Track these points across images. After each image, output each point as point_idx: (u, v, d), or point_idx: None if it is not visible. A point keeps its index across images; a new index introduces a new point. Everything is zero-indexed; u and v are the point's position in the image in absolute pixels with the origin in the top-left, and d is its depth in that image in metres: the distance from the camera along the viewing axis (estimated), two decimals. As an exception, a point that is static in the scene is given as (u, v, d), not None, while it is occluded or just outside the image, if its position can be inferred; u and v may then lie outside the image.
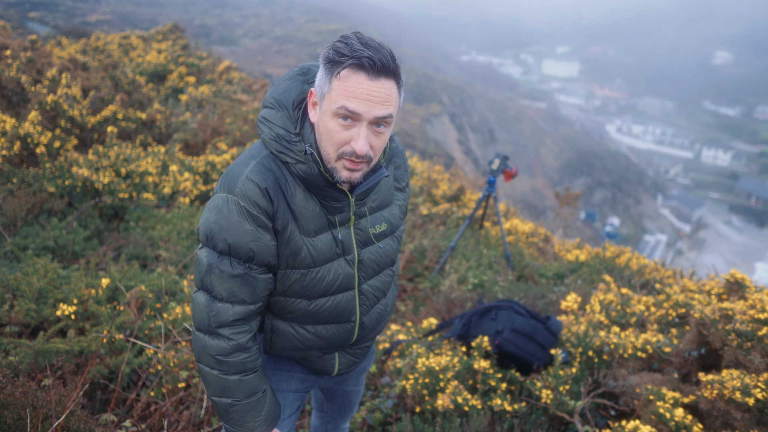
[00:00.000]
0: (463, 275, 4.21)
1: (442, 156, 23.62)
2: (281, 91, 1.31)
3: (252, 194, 1.26)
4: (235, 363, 1.35)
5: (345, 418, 2.03)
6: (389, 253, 1.53)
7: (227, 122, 7.56)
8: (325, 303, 1.44)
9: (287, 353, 1.56)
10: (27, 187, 4.85)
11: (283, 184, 1.30)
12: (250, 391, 1.40)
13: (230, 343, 1.33)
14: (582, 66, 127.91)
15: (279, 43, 41.11)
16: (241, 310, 1.33)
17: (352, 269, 1.44)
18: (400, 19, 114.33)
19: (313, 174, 1.28)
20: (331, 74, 1.20)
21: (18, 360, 2.35)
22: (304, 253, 1.34)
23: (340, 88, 1.19)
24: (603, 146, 64.96)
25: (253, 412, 1.42)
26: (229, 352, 1.34)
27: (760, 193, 59.53)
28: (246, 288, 1.32)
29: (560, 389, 2.54)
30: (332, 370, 1.64)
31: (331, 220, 1.38)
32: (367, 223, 1.44)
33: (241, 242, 1.27)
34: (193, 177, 5.82)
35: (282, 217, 1.30)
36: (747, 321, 2.42)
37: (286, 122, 1.29)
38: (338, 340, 1.54)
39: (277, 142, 1.28)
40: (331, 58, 1.19)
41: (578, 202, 7.55)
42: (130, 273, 3.22)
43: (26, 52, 7.51)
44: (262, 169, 1.28)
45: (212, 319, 1.32)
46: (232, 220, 1.26)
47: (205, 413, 2.48)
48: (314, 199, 1.34)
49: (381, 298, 1.59)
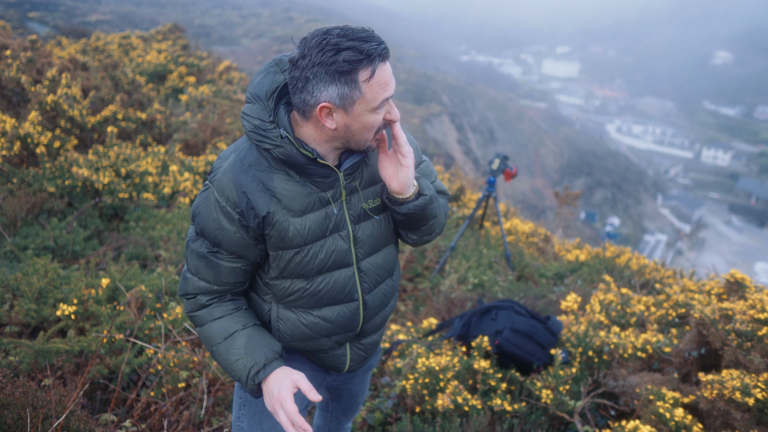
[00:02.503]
0: (463, 275, 4.21)
1: (442, 156, 23.64)
2: (255, 85, 1.36)
3: (225, 188, 1.36)
4: (202, 315, 1.49)
5: (349, 418, 2.04)
6: (386, 229, 1.54)
7: (227, 122, 7.56)
8: (323, 281, 1.47)
9: (297, 344, 1.55)
10: (27, 187, 4.85)
11: (261, 172, 1.37)
12: (224, 333, 1.47)
13: (193, 300, 1.50)
14: (582, 66, 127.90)
15: (279, 43, 41.10)
16: (204, 287, 1.47)
17: (346, 245, 1.46)
18: (400, 19, 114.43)
19: (292, 154, 1.33)
20: (353, 81, 1.24)
21: (18, 360, 2.35)
22: (292, 232, 1.39)
23: (373, 87, 1.25)
24: (603, 146, 64.95)
25: (233, 350, 1.45)
26: (195, 309, 1.50)
27: (760, 193, 59.51)
28: (209, 269, 1.44)
29: (560, 389, 2.54)
30: (343, 365, 1.64)
31: (323, 198, 1.41)
32: (359, 198, 1.46)
33: (209, 228, 1.40)
34: (193, 177, 5.82)
35: (261, 203, 1.36)
36: (747, 321, 2.42)
37: (261, 113, 1.34)
38: (345, 322, 1.53)
39: (256, 133, 1.34)
40: (343, 68, 1.21)
41: (578, 202, 7.55)
42: (130, 273, 3.22)
43: (26, 52, 7.52)
44: (238, 163, 1.37)
45: (181, 287, 1.50)
46: (205, 208, 1.40)
47: (205, 413, 2.48)
48: (299, 181, 1.38)
49: (385, 278, 1.60)
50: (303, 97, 1.28)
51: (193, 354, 2.69)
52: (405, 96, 42.37)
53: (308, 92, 1.26)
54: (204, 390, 2.54)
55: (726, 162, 72.32)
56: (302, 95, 1.27)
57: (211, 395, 2.59)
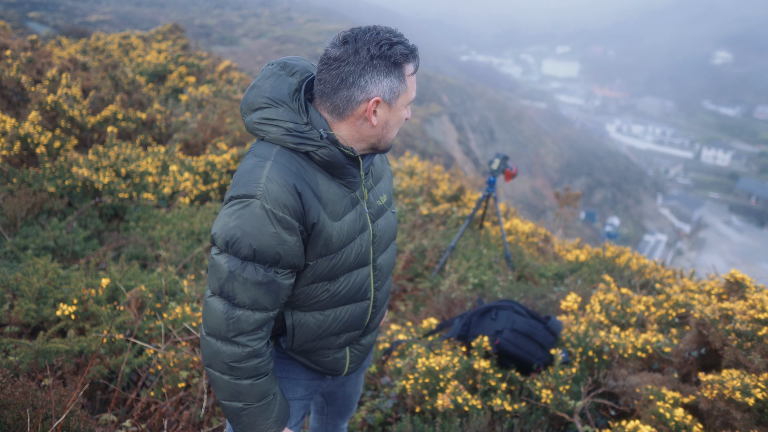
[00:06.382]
0: (463, 275, 4.21)
1: (442, 156, 23.61)
2: (270, 89, 1.31)
3: (278, 195, 1.24)
4: (248, 368, 1.34)
5: (344, 419, 2.05)
6: (394, 223, 1.60)
7: (227, 122, 7.56)
8: (344, 281, 1.46)
9: (306, 346, 1.54)
10: (27, 187, 4.85)
11: (306, 176, 1.30)
12: (262, 395, 1.39)
13: (246, 349, 1.32)
14: (582, 66, 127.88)
15: (279, 43, 41.06)
16: (262, 317, 1.33)
17: (368, 243, 1.48)
18: (400, 19, 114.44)
19: (335, 155, 1.31)
20: (402, 74, 1.30)
21: (18, 360, 2.35)
22: (335, 238, 1.36)
23: (413, 81, 1.34)
24: (603, 146, 64.93)
25: (264, 414, 1.41)
26: (244, 359, 1.33)
27: (760, 193, 59.47)
28: (270, 295, 1.31)
29: (560, 389, 2.54)
30: (343, 368, 1.64)
31: (353, 198, 1.41)
32: (375, 195, 1.50)
33: (266, 246, 1.25)
34: (193, 177, 5.82)
35: (313, 209, 1.30)
36: (747, 321, 2.42)
37: (292, 116, 1.29)
38: (356, 320, 1.55)
39: (292, 136, 1.28)
40: (399, 60, 1.28)
41: (578, 202, 7.55)
42: (130, 273, 3.22)
43: (26, 52, 7.51)
44: (281, 168, 1.27)
45: (231, 327, 1.30)
46: (255, 225, 1.24)
47: (205, 413, 2.48)
48: (334, 182, 1.36)
49: (390, 273, 1.64)
50: (350, 94, 1.27)
51: (193, 354, 2.69)
52: (405, 96, 42.29)
53: (359, 87, 1.26)
54: (204, 390, 2.54)
55: (726, 162, 72.29)
56: (350, 91, 1.27)
57: (211, 395, 2.59)
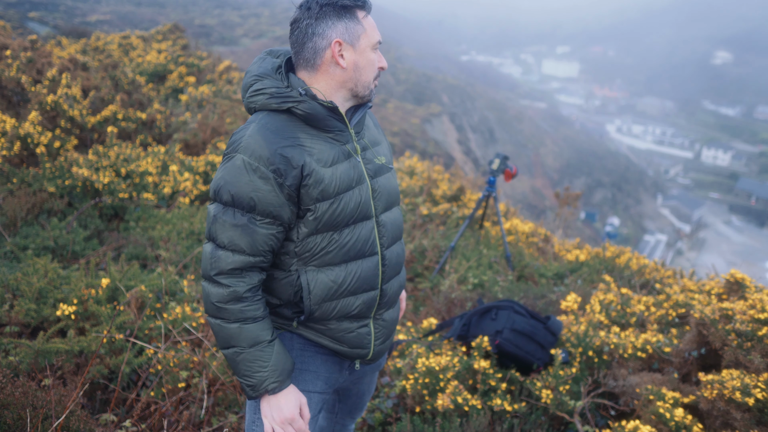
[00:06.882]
0: (463, 275, 4.21)
1: (442, 156, 23.60)
2: (257, 68, 1.51)
3: (255, 148, 1.40)
4: (233, 310, 1.44)
5: (354, 418, 2.05)
6: (395, 183, 1.68)
7: (227, 122, 7.56)
8: (349, 233, 1.53)
9: (326, 308, 1.56)
10: (27, 187, 4.85)
11: (288, 131, 1.45)
12: (253, 340, 1.46)
13: (227, 290, 1.43)
14: (582, 66, 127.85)
15: (279, 43, 41.13)
16: (240, 260, 1.44)
17: (368, 197, 1.56)
18: (399, 19, 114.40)
19: (314, 107, 1.45)
20: (355, 17, 1.46)
21: (18, 360, 2.35)
22: (327, 180, 1.46)
23: (370, 23, 1.48)
24: (603, 146, 64.93)
25: (259, 361, 1.46)
26: (227, 300, 1.44)
27: (760, 193, 59.46)
28: (245, 237, 1.42)
29: (560, 389, 2.54)
30: (369, 345, 1.64)
31: (344, 150, 1.52)
32: (373, 154, 1.60)
33: (242, 193, 1.40)
34: (193, 177, 5.82)
35: (296, 157, 1.43)
36: (747, 321, 2.42)
37: (275, 83, 1.48)
38: (368, 277, 1.58)
39: (275, 97, 1.45)
40: (346, 4, 1.43)
41: (578, 202, 7.56)
42: (130, 273, 3.22)
43: (26, 52, 7.52)
44: (261, 127, 1.44)
45: (213, 266, 1.44)
46: (234, 174, 1.41)
47: (205, 413, 2.48)
48: (320, 137, 1.49)
49: (398, 237, 1.69)
50: (314, 44, 1.45)
51: (193, 354, 2.69)
52: (405, 96, 42.33)
53: (319, 35, 1.44)
54: (204, 390, 2.54)
55: (726, 162, 72.28)
56: (313, 41, 1.45)
57: (211, 395, 2.59)
